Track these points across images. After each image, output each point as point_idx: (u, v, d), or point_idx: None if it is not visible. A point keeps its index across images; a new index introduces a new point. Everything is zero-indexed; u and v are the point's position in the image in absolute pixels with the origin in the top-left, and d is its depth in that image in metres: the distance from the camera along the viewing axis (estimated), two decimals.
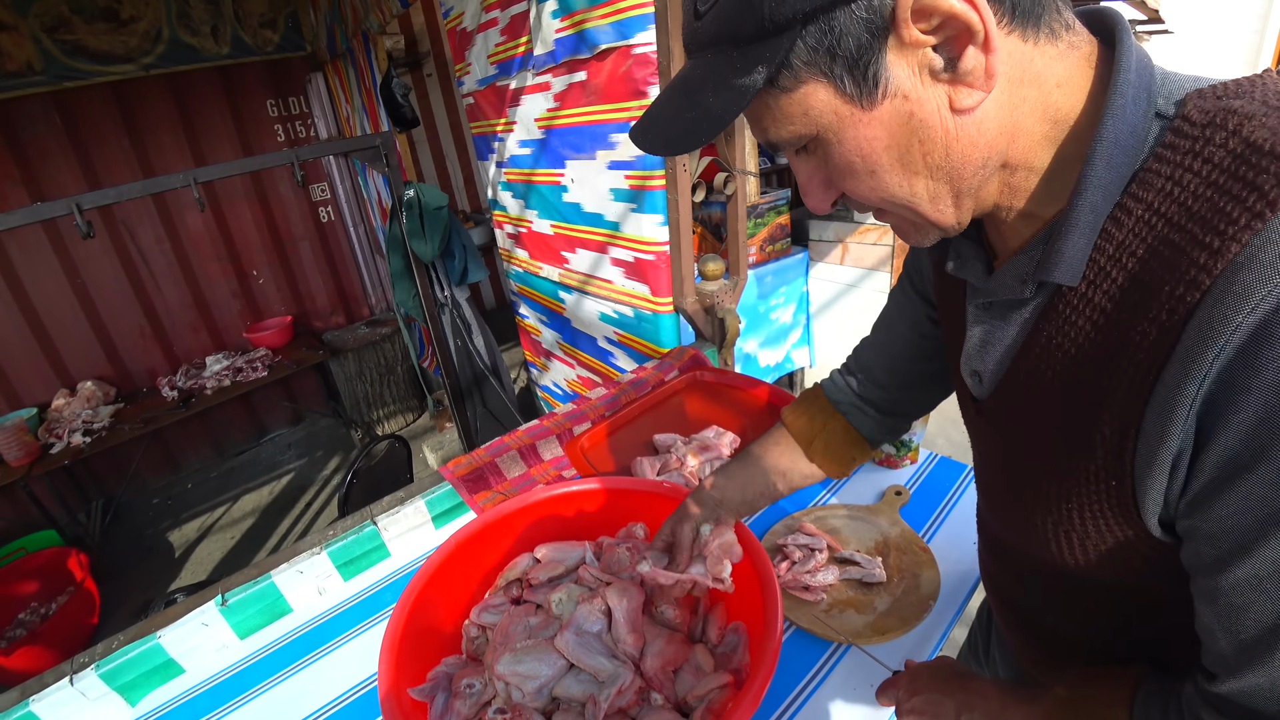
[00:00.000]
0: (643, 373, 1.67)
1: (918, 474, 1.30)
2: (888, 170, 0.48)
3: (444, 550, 0.98)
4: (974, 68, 0.42)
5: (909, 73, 0.44)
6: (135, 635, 1.11)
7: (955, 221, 0.51)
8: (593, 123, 1.79)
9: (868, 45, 0.42)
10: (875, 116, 0.45)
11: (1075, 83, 0.46)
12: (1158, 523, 0.47)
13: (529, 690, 0.79)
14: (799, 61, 0.44)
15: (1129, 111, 0.43)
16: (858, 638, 0.93)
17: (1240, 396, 0.38)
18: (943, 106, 0.44)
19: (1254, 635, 0.42)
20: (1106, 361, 0.45)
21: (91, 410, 3.37)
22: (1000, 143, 0.46)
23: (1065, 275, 0.46)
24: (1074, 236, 0.45)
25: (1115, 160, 0.44)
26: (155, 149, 3.55)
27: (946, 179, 0.48)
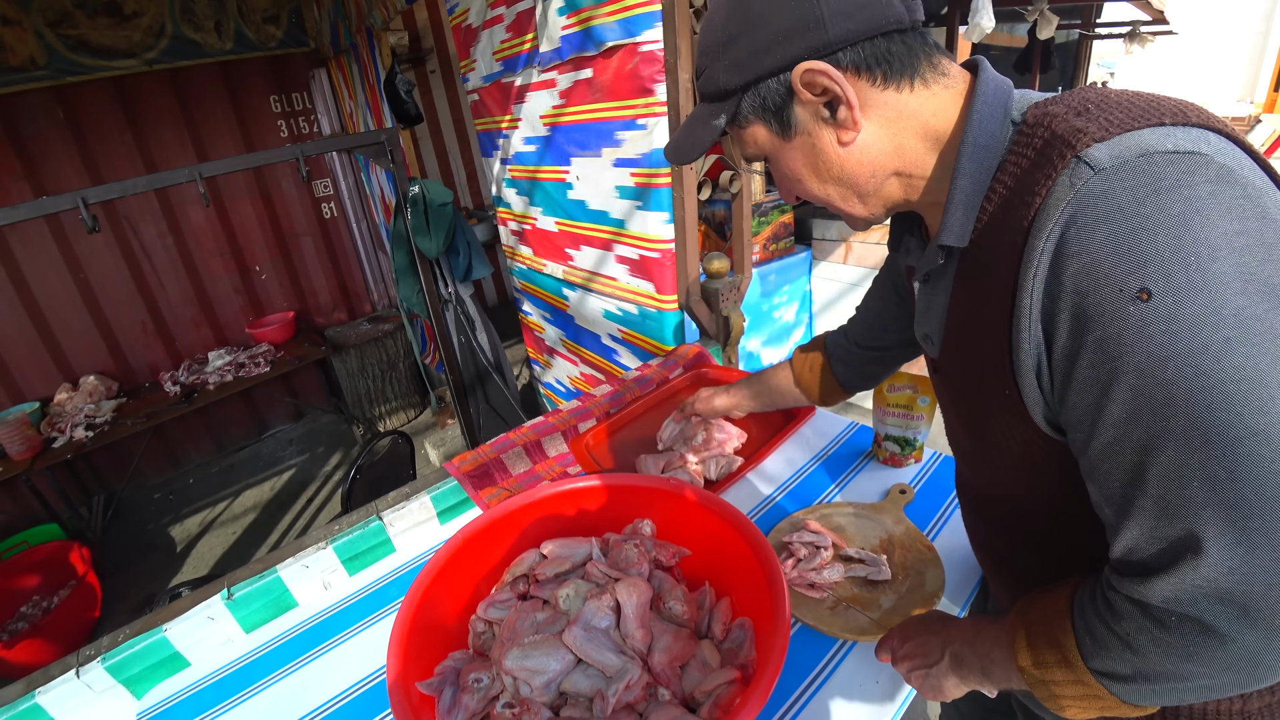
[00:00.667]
0: (647, 370, 1.67)
1: (922, 473, 1.31)
2: (808, 180, 0.70)
3: (451, 545, 0.98)
4: (845, 117, 0.63)
5: (809, 118, 0.65)
6: (142, 628, 1.11)
7: (867, 214, 0.71)
8: (599, 120, 1.79)
9: (783, 102, 0.65)
10: (793, 145, 0.68)
11: (948, 111, 0.64)
12: (1044, 421, 0.60)
13: (537, 685, 0.79)
14: (745, 111, 0.67)
15: (986, 122, 0.61)
16: (863, 634, 0.93)
17: (1057, 303, 0.52)
18: (832, 141, 0.65)
19: (1120, 494, 0.52)
20: (987, 298, 0.61)
21: (94, 405, 3.37)
22: (885, 159, 0.66)
23: (952, 239, 0.63)
24: (953, 211, 0.62)
25: (978, 156, 0.61)
26: (158, 144, 3.54)
27: (848, 186, 0.68)
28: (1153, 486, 0.49)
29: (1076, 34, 5.82)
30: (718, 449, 1.32)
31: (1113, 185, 0.50)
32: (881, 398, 1.29)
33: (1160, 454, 0.48)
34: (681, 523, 1.03)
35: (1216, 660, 0.50)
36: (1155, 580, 0.51)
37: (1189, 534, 0.48)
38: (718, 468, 1.29)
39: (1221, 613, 0.48)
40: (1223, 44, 7.19)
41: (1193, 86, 7.16)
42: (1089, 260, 0.50)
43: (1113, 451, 0.51)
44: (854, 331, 1.12)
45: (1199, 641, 0.50)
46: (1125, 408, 0.50)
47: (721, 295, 1.76)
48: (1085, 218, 0.50)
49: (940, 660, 0.75)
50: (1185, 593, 0.49)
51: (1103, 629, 0.56)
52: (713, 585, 0.98)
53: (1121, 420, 0.50)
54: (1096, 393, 0.51)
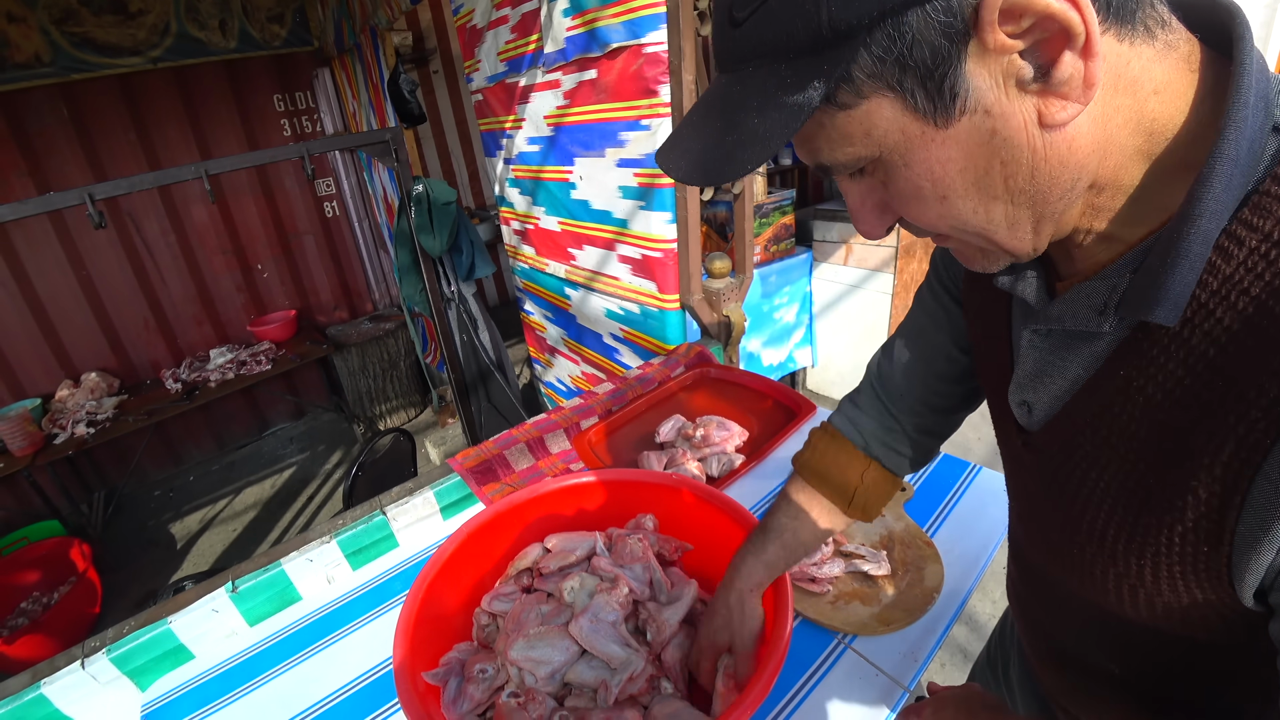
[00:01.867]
0: (649, 369, 1.68)
1: (922, 471, 1.32)
2: (962, 195, 0.41)
3: (456, 539, 0.99)
4: (1071, 76, 0.36)
5: (992, 84, 0.37)
6: (146, 620, 1.12)
7: (1032, 249, 0.45)
8: (602, 120, 1.80)
9: (945, 53, 0.36)
10: (951, 135, 0.39)
11: (1174, 88, 0.39)
12: (1253, 595, 0.41)
13: (541, 675, 0.80)
14: (862, 74, 0.38)
15: (1250, 123, 0.37)
16: (863, 628, 0.94)
17: None
18: (1030, 122, 0.38)
19: None
20: (1206, 416, 0.39)
21: (95, 401, 3.38)
22: (1091, 161, 0.40)
23: (1165, 314, 0.39)
24: (1181, 269, 0.38)
25: (1233, 181, 0.37)
26: (162, 142, 3.56)
27: (1029, 204, 0.41)
28: None
29: None
30: (719, 446, 1.33)
31: None
32: None
33: None
34: (683, 518, 1.04)
35: None
36: None
37: None
38: (719, 465, 1.30)
39: None
40: None
41: None
42: None
43: None
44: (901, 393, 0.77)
45: None
46: None
47: (723, 295, 1.77)
48: None
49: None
50: None
51: None
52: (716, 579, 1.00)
53: None
54: None
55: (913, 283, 3.21)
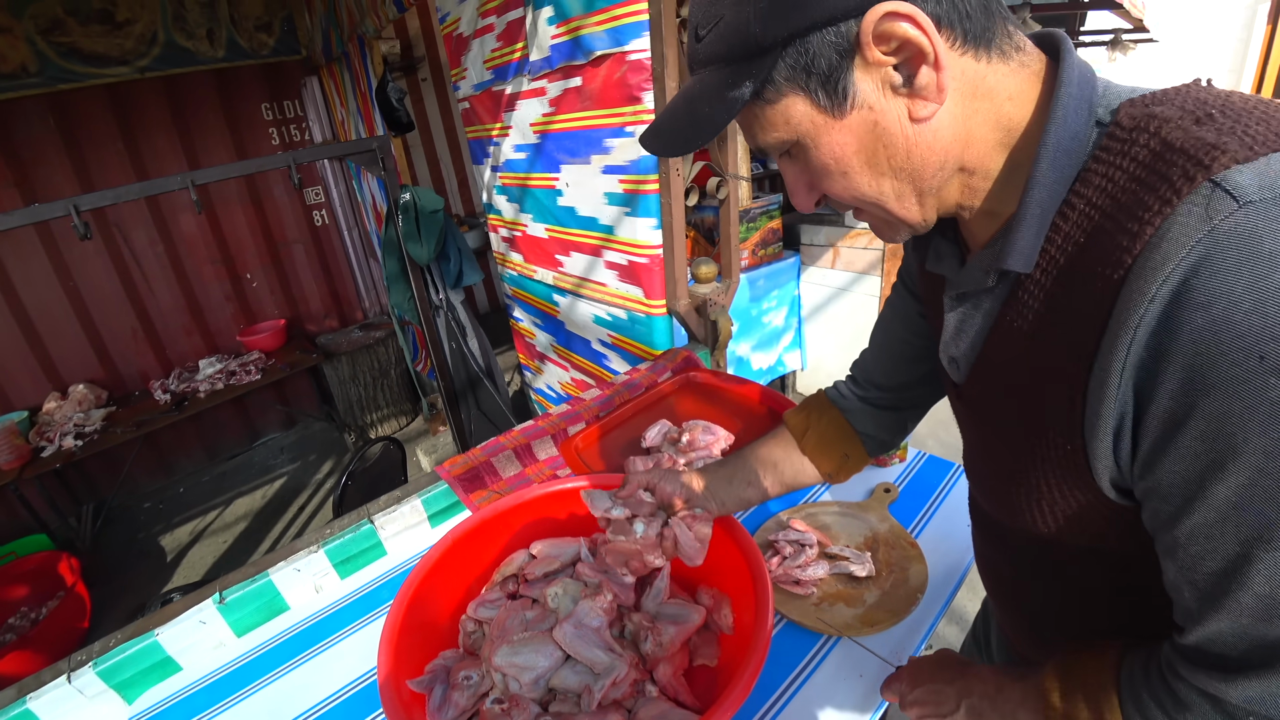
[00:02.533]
0: (636, 374, 1.68)
1: (906, 472, 1.33)
2: (858, 172, 0.55)
3: (441, 546, 1.00)
4: (928, 83, 0.49)
5: (873, 87, 0.50)
6: (133, 633, 1.11)
7: (921, 219, 0.58)
8: (588, 128, 1.81)
9: (838, 64, 0.50)
10: (845, 125, 0.52)
11: (1025, 96, 0.52)
12: (1110, 484, 0.51)
13: (526, 681, 0.81)
14: (780, 78, 0.51)
15: (1070, 120, 0.49)
16: (847, 630, 0.95)
17: (1164, 360, 0.43)
18: (902, 116, 0.51)
19: (1211, 582, 0.45)
20: (1055, 337, 0.51)
21: (83, 413, 3.36)
22: (956, 149, 0.53)
23: (1019, 263, 0.53)
24: (1024, 230, 0.51)
25: (1059, 162, 0.50)
26: (150, 152, 3.55)
27: (909, 179, 0.54)
28: (1258, 584, 0.43)
29: None
30: (705, 450, 1.34)
31: (1265, 224, 0.40)
32: None
33: (1274, 551, 0.42)
34: None
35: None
36: (1239, 678, 0.45)
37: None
38: None
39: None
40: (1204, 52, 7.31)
41: None
42: (1221, 315, 0.40)
43: (1209, 535, 0.44)
44: (872, 372, 0.91)
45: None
46: (1238, 492, 0.42)
47: (710, 300, 1.78)
48: (1223, 262, 0.41)
49: (955, 713, 0.69)
50: (1275, 695, 0.44)
51: (1161, 717, 0.50)
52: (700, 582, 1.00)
53: (1229, 505, 0.43)
54: (1201, 468, 0.43)
55: None
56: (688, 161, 1.66)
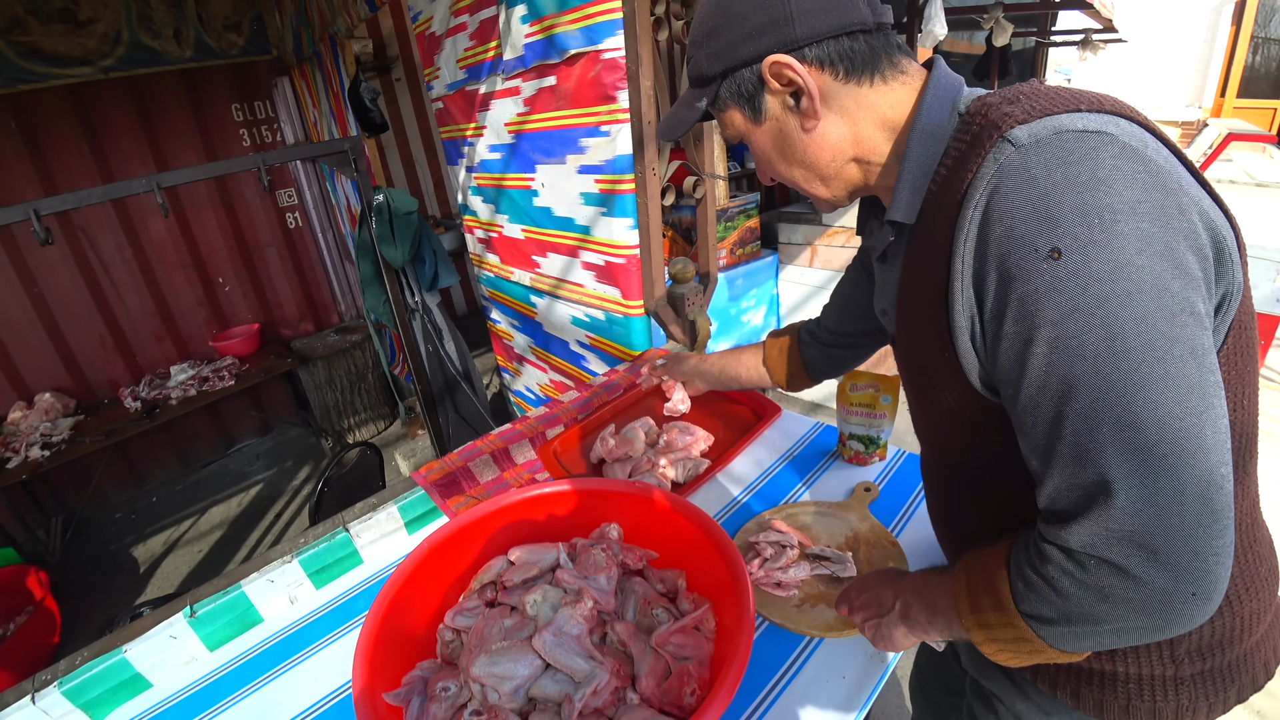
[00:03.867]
0: (614, 375, 1.67)
1: (886, 470, 1.33)
2: (777, 162, 0.78)
3: (417, 555, 0.98)
4: (807, 107, 0.71)
5: (778, 106, 0.73)
6: (100, 650, 1.08)
7: (830, 195, 0.79)
8: (562, 127, 1.80)
9: (755, 90, 0.73)
10: (763, 130, 0.76)
11: (904, 104, 0.70)
12: (980, 382, 0.65)
13: (505, 691, 0.79)
14: (724, 96, 0.76)
15: (934, 112, 0.67)
16: (830, 631, 0.95)
17: (984, 264, 0.58)
18: (797, 127, 0.73)
19: (1043, 444, 0.56)
20: (927, 266, 0.66)
21: (50, 423, 3.27)
22: (843, 146, 0.73)
23: (898, 214, 0.69)
24: (901, 191, 0.69)
25: (926, 142, 0.67)
26: (116, 154, 3.46)
27: (811, 169, 0.76)
28: (1069, 433, 0.53)
29: (1033, 41, 6.00)
30: (684, 451, 1.33)
31: (1029, 159, 0.55)
32: (845, 397, 1.31)
33: (1074, 401, 0.53)
34: (648, 525, 1.04)
35: (1130, 602, 0.53)
36: (1074, 525, 0.54)
37: (1100, 478, 0.52)
38: (685, 470, 1.30)
39: (1132, 554, 0.51)
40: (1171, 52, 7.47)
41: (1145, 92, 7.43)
42: (1009, 224, 0.55)
43: (1035, 403, 0.56)
44: (826, 319, 1.19)
45: (1113, 583, 0.53)
46: (1044, 359, 0.54)
47: (688, 300, 1.78)
48: (1006, 187, 0.56)
49: (891, 610, 0.79)
50: (1100, 536, 0.52)
51: (1032, 574, 0.59)
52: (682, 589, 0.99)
53: (1041, 371, 0.55)
54: (1020, 347, 0.56)
55: None
56: (664, 160, 1.66)
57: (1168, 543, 0.50)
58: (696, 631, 0.83)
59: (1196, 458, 0.49)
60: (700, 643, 0.81)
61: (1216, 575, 0.51)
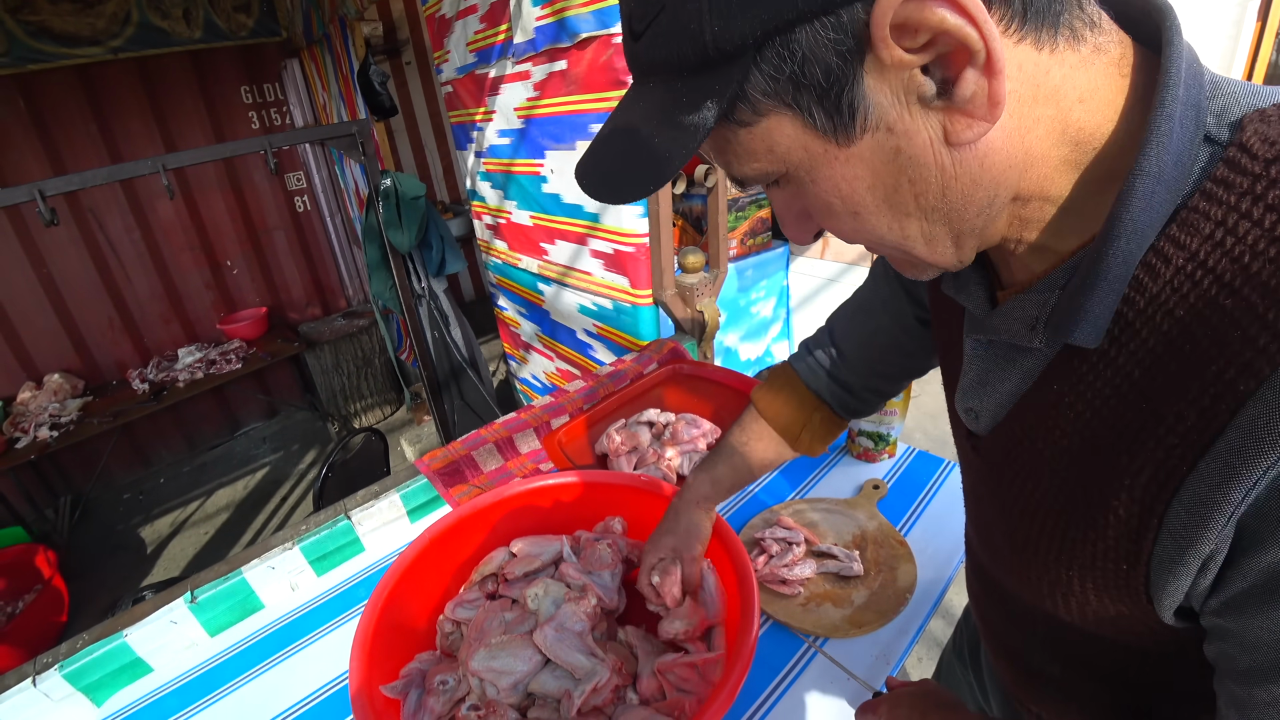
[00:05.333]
0: (621, 365, 1.65)
1: (895, 468, 1.31)
2: (874, 212, 0.40)
3: (417, 545, 0.97)
4: (975, 94, 0.34)
5: (894, 100, 0.35)
6: (101, 634, 1.08)
7: (956, 261, 0.44)
8: (573, 113, 1.77)
9: (840, 71, 0.34)
10: (855, 153, 0.38)
11: (1102, 95, 0.37)
12: (1167, 610, 0.41)
13: (504, 686, 0.78)
14: (757, 93, 0.36)
15: (1175, 135, 0.34)
16: (835, 631, 0.93)
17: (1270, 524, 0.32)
18: (936, 140, 0.36)
19: None
20: (1129, 436, 0.38)
21: (59, 404, 3.29)
22: (1010, 176, 0.38)
23: (1086, 336, 0.39)
24: (1100, 291, 0.37)
25: (1157, 198, 0.35)
26: (124, 135, 3.45)
27: (944, 220, 0.40)
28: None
29: None
30: (690, 444, 1.31)
31: None
32: None
33: None
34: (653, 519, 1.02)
35: None
36: None
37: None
38: (690, 463, 1.28)
39: None
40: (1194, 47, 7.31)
41: None
42: None
43: None
44: (852, 358, 0.82)
45: None
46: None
47: (697, 290, 1.75)
48: None
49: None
50: None
51: None
52: None
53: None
54: None
55: None
56: None
57: None
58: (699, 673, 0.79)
59: None
60: (701, 685, 0.77)
61: None
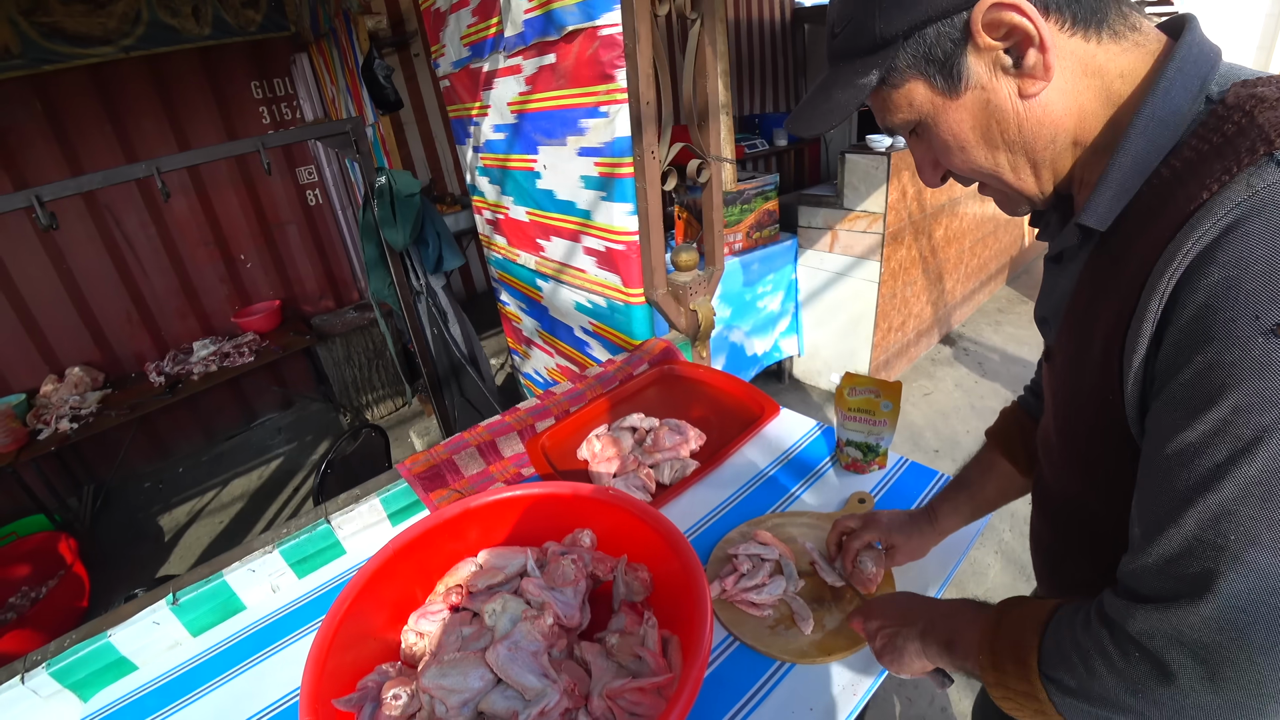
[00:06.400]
0: (610, 366, 1.63)
1: (885, 480, 1.26)
2: (975, 147, 0.60)
3: (382, 555, 0.96)
4: (1035, 63, 0.53)
5: (985, 69, 0.56)
6: (86, 634, 1.10)
7: (1038, 190, 0.62)
8: (563, 108, 1.74)
9: (953, 51, 0.56)
10: (961, 104, 0.58)
11: (1136, 73, 0.55)
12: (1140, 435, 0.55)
13: (452, 704, 0.77)
14: (902, 65, 0.58)
15: (1174, 94, 0.52)
16: (802, 657, 0.89)
17: (1179, 310, 0.47)
18: (1013, 94, 0.56)
19: (1154, 518, 0.49)
20: (1110, 290, 0.55)
21: (79, 396, 3.36)
22: (1067, 122, 0.57)
23: (1093, 219, 0.56)
24: (1104, 190, 0.55)
25: (1152, 132, 0.52)
26: (138, 133, 3.49)
27: (1023, 151, 0.59)
28: (1191, 522, 0.46)
29: None
30: (671, 452, 1.29)
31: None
32: (842, 401, 1.25)
33: (1215, 494, 0.45)
34: (624, 533, 1.00)
35: (1161, 706, 0.48)
36: (1141, 609, 0.49)
37: (1201, 580, 0.45)
38: (671, 471, 1.26)
39: (1189, 666, 0.46)
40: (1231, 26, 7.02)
41: None
42: (1234, 274, 0.44)
43: (1168, 473, 0.48)
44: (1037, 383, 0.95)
45: (1151, 685, 0.48)
46: (1202, 437, 0.45)
47: (690, 288, 1.72)
48: (1253, 226, 0.44)
49: (914, 625, 0.75)
50: (1164, 633, 0.47)
51: (1068, 639, 0.55)
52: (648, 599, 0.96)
53: (1191, 448, 0.46)
54: (1182, 415, 0.47)
55: (900, 270, 3.14)
56: (664, 143, 1.59)
57: (1236, 672, 0.44)
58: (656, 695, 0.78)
59: None
60: (657, 704, 0.76)
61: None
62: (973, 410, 3.27)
